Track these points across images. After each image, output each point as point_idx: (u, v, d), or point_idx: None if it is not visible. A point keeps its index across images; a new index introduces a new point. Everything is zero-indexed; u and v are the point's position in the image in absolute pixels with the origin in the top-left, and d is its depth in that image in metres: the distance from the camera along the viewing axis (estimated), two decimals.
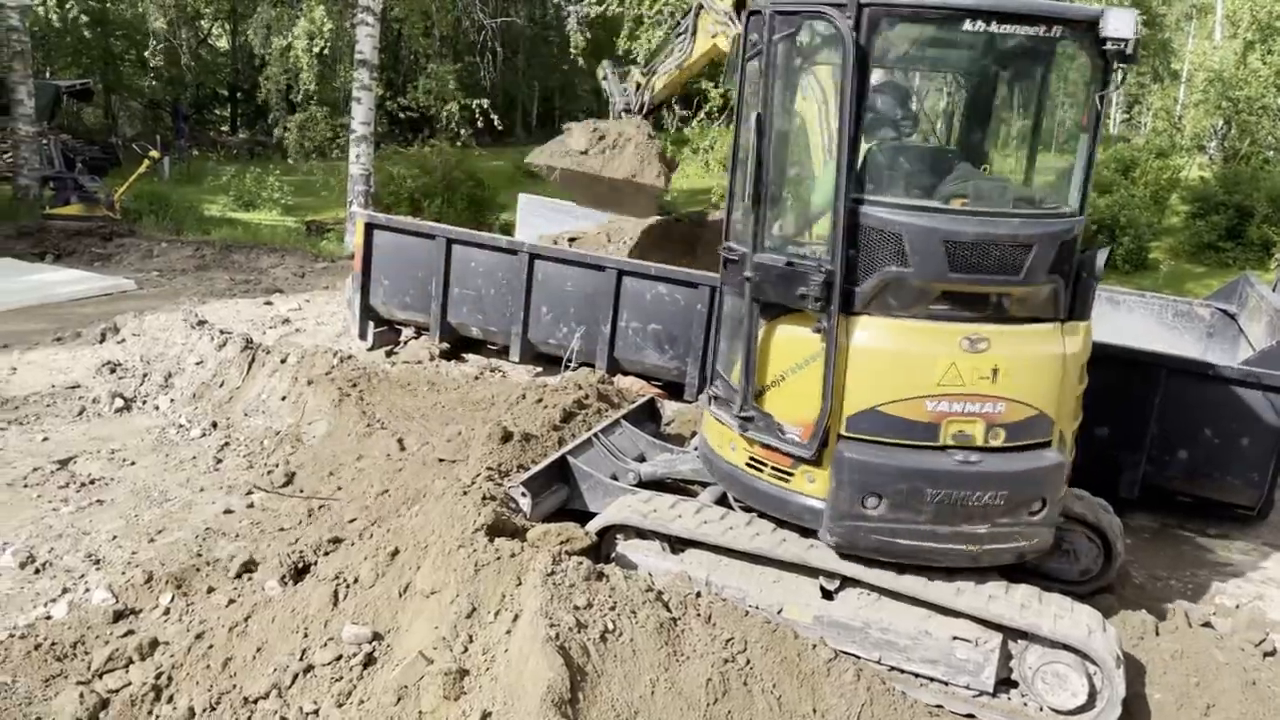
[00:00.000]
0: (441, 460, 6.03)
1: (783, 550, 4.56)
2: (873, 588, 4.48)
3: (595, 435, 5.77)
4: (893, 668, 4.43)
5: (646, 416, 6.51)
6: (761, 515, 4.80)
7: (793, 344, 4.45)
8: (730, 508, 5.04)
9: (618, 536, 4.97)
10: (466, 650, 3.85)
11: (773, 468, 4.62)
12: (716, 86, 17.86)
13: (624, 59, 9.67)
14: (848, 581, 4.52)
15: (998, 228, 4.25)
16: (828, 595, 4.56)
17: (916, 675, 4.42)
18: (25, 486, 6.10)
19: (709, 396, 5.12)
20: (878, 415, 4.28)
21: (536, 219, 11.06)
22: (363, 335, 9.24)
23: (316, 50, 16.41)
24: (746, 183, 4.44)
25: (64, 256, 13.53)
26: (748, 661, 3.99)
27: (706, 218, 10.40)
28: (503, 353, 8.90)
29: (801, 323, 4.41)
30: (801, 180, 4.75)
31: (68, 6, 27.57)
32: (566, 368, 7.76)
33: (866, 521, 4.31)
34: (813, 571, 4.56)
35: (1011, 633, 4.31)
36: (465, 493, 4.76)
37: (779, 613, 4.54)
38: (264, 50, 18.46)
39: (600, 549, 4.92)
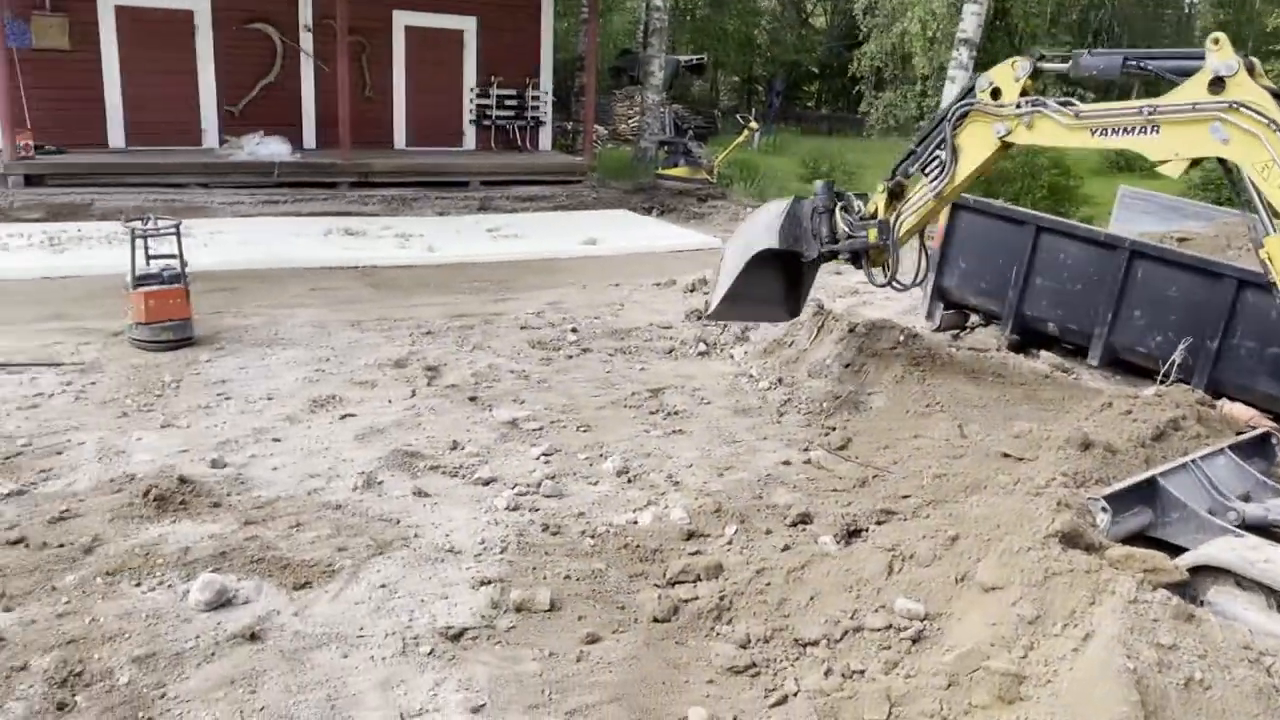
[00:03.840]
0: (1006, 455, 5.75)
1: None
2: None
3: (1193, 461, 5.10)
4: None
5: (1257, 452, 5.60)
6: None
7: None
8: None
9: (1210, 579, 4.35)
10: (1025, 656, 3.62)
11: None
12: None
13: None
14: None
15: None
16: None
17: None
18: (625, 407, 7.00)
19: None
20: None
21: (1137, 214, 10.06)
22: (930, 315, 9.15)
23: (930, 34, 16.52)
24: None
25: (667, 213, 15.31)
26: None
27: None
28: (1077, 353, 8.25)
29: None
30: None
31: None
32: (1162, 381, 6.94)
33: None
34: None
35: None
36: (1038, 494, 4.49)
37: None
38: (866, 26, 18.95)
39: (1186, 588, 4.34)
